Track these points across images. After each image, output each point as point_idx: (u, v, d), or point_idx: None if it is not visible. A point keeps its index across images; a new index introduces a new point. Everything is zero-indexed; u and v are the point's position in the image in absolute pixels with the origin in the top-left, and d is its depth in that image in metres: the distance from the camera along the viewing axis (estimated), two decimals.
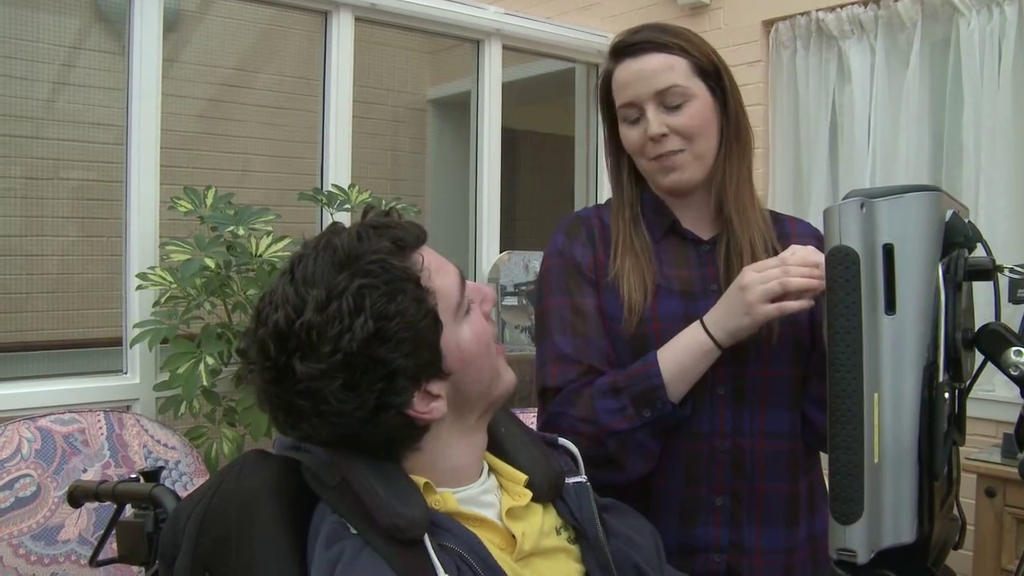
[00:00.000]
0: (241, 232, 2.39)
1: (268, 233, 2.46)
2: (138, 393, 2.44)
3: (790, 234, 1.32)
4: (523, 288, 3.30)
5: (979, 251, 0.89)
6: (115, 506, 1.24)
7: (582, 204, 3.80)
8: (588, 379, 1.21)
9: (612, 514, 1.06)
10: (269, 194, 3.51)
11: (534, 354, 1.30)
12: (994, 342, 0.87)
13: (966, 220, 0.88)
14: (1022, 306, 0.90)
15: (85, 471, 1.97)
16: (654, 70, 1.22)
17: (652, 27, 1.26)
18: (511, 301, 3.30)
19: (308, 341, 0.85)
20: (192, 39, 3.93)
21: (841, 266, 0.80)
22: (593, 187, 3.81)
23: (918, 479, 0.81)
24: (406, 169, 4.83)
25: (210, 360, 2.29)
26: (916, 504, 0.81)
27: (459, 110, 4.18)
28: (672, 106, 1.22)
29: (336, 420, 0.87)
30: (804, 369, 1.25)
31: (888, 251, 0.80)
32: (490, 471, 1.00)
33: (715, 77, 1.25)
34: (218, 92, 4.08)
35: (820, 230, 1.30)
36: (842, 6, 3.07)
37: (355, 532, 0.86)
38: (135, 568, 1.56)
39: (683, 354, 1.17)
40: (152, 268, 2.36)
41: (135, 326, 2.35)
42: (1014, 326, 0.88)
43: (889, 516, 0.80)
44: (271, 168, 4.00)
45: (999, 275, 0.89)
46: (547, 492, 1.00)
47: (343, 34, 2.91)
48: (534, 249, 3.31)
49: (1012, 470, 2.31)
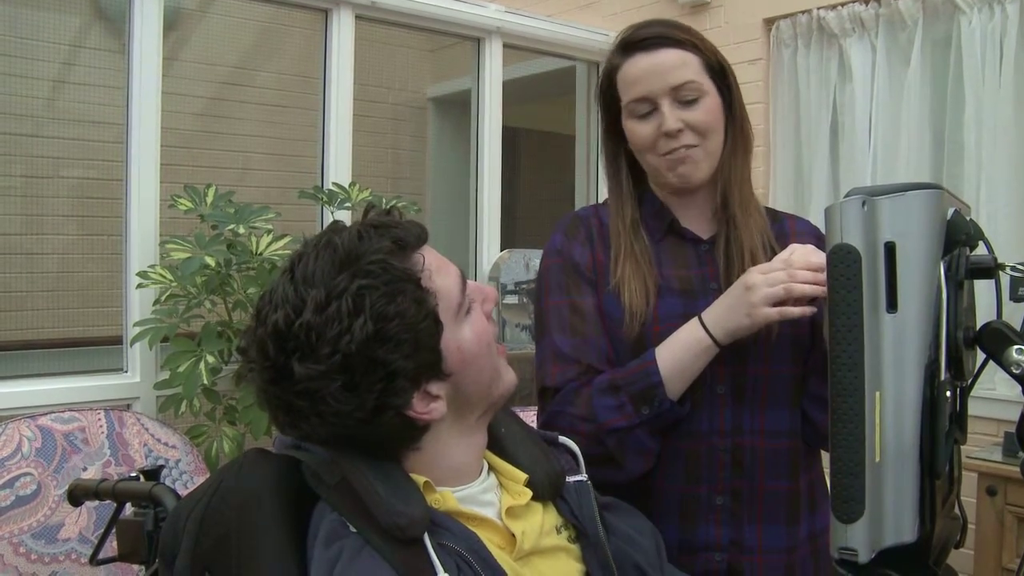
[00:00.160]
0: (241, 230, 2.39)
1: (268, 231, 2.46)
2: (138, 392, 2.44)
3: (789, 233, 1.32)
4: (523, 286, 3.30)
5: (980, 249, 0.89)
6: (115, 505, 1.25)
7: (583, 202, 3.80)
8: (587, 378, 1.21)
9: (613, 513, 1.06)
10: (269, 192, 3.50)
11: (534, 352, 1.30)
12: (996, 340, 0.87)
13: (968, 218, 0.88)
14: (1023, 304, 0.90)
15: (85, 469, 1.97)
16: (670, 65, 1.21)
17: (662, 23, 1.26)
18: (511, 299, 3.30)
19: (307, 342, 0.85)
20: (192, 37, 3.93)
21: (843, 264, 0.80)
22: (594, 185, 3.81)
23: (919, 478, 0.80)
24: (406, 167, 4.82)
25: (210, 359, 2.29)
26: (918, 503, 0.80)
27: (460, 108, 4.18)
28: (686, 101, 1.22)
29: (335, 420, 0.86)
30: (804, 367, 1.25)
31: (890, 249, 0.80)
32: (490, 470, 1.00)
33: (721, 76, 1.25)
34: (218, 90, 4.08)
35: (820, 228, 1.30)
36: (843, 4, 3.06)
37: (355, 531, 0.86)
38: (135, 567, 1.56)
39: (681, 351, 1.17)
40: (152, 266, 2.36)
41: (135, 324, 2.35)
42: (1015, 324, 0.88)
43: (891, 515, 0.79)
44: (271, 166, 3.99)
45: (1000, 273, 0.89)
46: (547, 491, 0.99)
47: (343, 32, 2.91)
48: (535, 247, 3.30)
49: (1013, 468, 2.31)
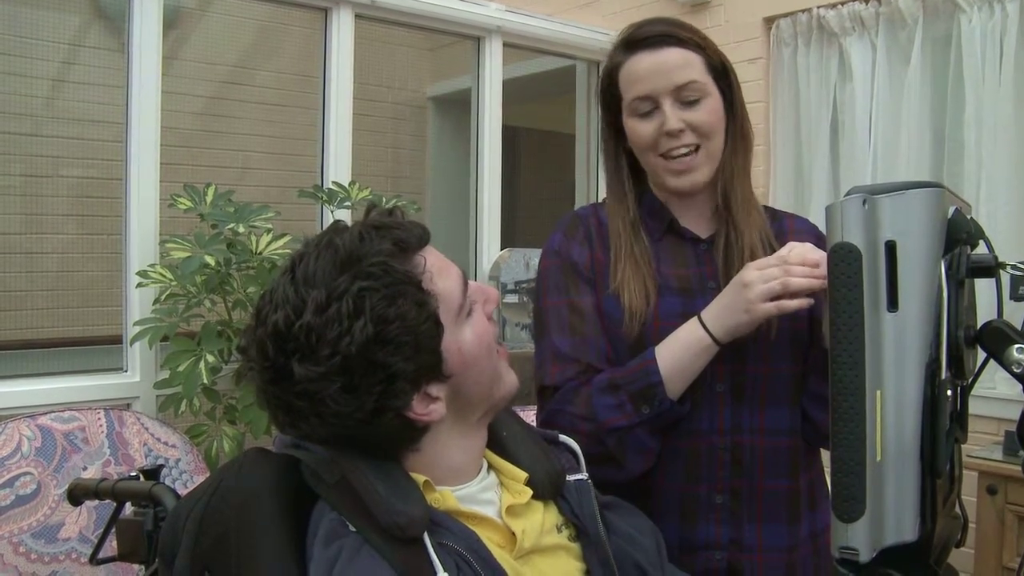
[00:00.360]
0: (241, 229, 2.39)
1: (268, 230, 2.46)
2: (138, 391, 2.44)
3: (788, 231, 1.31)
4: (523, 286, 3.30)
5: (981, 248, 0.89)
6: (115, 504, 1.25)
7: (583, 201, 3.80)
8: (586, 377, 1.20)
9: (613, 512, 1.06)
10: (269, 191, 3.49)
11: (534, 352, 1.30)
12: (997, 339, 0.86)
13: (968, 217, 0.88)
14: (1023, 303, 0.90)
15: (85, 469, 1.97)
16: (674, 64, 1.21)
17: (665, 21, 1.25)
18: (511, 299, 3.30)
19: (307, 343, 0.84)
20: (192, 36, 3.92)
21: (843, 263, 0.79)
22: (594, 184, 3.81)
23: (920, 477, 0.80)
24: (406, 166, 4.82)
25: (210, 358, 2.29)
26: (918, 502, 0.80)
27: (460, 107, 4.18)
28: (688, 101, 1.21)
29: (334, 421, 0.86)
30: (803, 365, 1.25)
31: (890, 248, 0.80)
32: (490, 469, 1.00)
33: (724, 76, 1.24)
34: (218, 89, 4.07)
35: (819, 227, 1.30)
36: (843, 3, 3.06)
37: (354, 530, 0.86)
38: (135, 566, 1.56)
39: (681, 350, 1.16)
40: (152, 266, 2.36)
41: (135, 324, 2.35)
42: (1016, 323, 0.88)
43: (891, 514, 0.79)
44: (271, 165, 3.99)
45: (1001, 272, 0.88)
46: (548, 490, 0.99)
47: (343, 31, 2.90)
48: (535, 247, 3.30)
49: (1014, 468, 2.31)
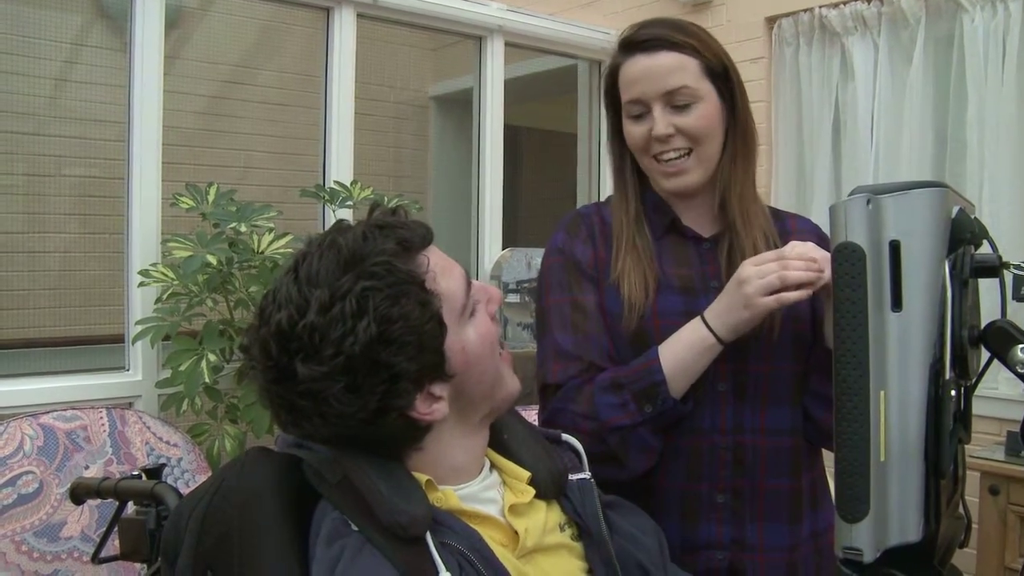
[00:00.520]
0: (243, 229, 2.39)
1: (270, 230, 2.46)
2: (140, 390, 2.45)
3: (791, 231, 1.31)
4: (525, 285, 3.30)
5: (985, 248, 0.89)
6: (117, 503, 1.25)
7: (585, 201, 3.80)
8: (589, 375, 1.20)
9: (616, 511, 1.05)
10: (271, 191, 3.49)
11: (536, 351, 1.30)
12: (1001, 340, 0.86)
13: (972, 217, 0.87)
14: None
15: (87, 468, 1.97)
16: (665, 69, 1.20)
17: (665, 23, 1.24)
18: (513, 298, 3.30)
19: (310, 343, 0.84)
20: (194, 36, 3.92)
21: (847, 263, 0.79)
22: (596, 184, 3.81)
23: (924, 477, 0.80)
24: (408, 166, 4.82)
25: (212, 357, 2.29)
26: (922, 502, 0.80)
27: (461, 107, 4.18)
28: (679, 106, 1.21)
29: (337, 421, 0.86)
30: (805, 365, 1.25)
31: (895, 248, 0.79)
32: (492, 467, 1.00)
33: (724, 78, 1.23)
34: (220, 89, 4.07)
35: (822, 227, 1.30)
36: (845, 2, 3.06)
37: (356, 529, 0.85)
38: (137, 565, 1.56)
39: (684, 350, 1.16)
40: (154, 265, 2.36)
41: (137, 323, 2.35)
42: (1020, 323, 0.88)
43: (895, 514, 0.79)
44: (273, 165, 3.99)
45: (1005, 272, 0.88)
46: (550, 489, 0.99)
47: (345, 30, 2.91)
48: (536, 246, 3.30)
49: (1016, 468, 2.31)
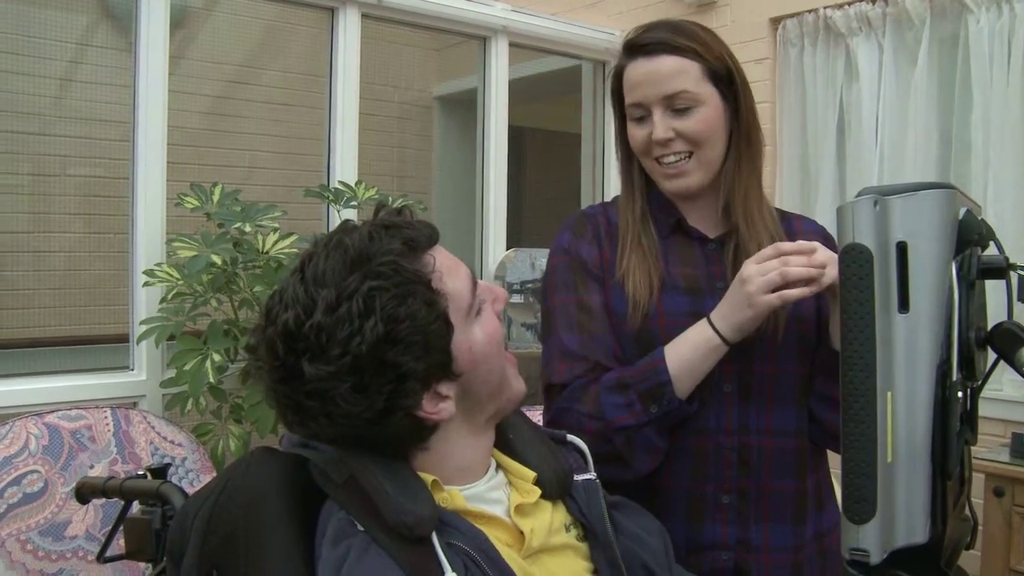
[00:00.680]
0: (248, 229, 2.39)
1: (275, 230, 2.46)
2: (145, 390, 2.45)
3: (796, 232, 1.31)
4: (529, 286, 3.30)
5: (991, 249, 0.88)
6: (122, 502, 1.25)
7: (589, 201, 3.80)
8: (594, 375, 1.20)
9: (621, 512, 1.05)
10: (276, 191, 3.49)
11: (540, 351, 1.30)
12: (1008, 341, 0.86)
13: (979, 218, 0.87)
14: None
15: (92, 467, 1.97)
16: (666, 73, 1.20)
17: (667, 26, 1.23)
18: (517, 299, 3.30)
19: (317, 343, 0.85)
20: (199, 36, 3.93)
21: (855, 264, 0.79)
22: (600, 184, 3.80)
23: (931, 479, 0.80)
24: (412, 166, 4.82)
25: (216, 357, 2.29)
26: (929, 504, 0.80)
27: (466, 107, 4.18)
28: (679, 109, 1.20)
29: (344, 421, 0.86)
30: (811, 366, 1.24)
31: (902, 249, 0.79)
32: (498, 468, 1.00)
33: (727, 81, 1.23)
34: (225, 89, 4.08)
35: (827, 228, 1.30)
36: (850, 3, 3.05)
37: (362, 529, 0.86)
38: (142, 565, 1.56)
39: (690, 350, 1.16)
40: (159, 265, 2.36)
41: (142, 323, 2.35)
42: None
43: (902, 516, 0.79)
44: (278, 165, 3.99)
45: (1012, 273, 0.88)
46: (556, 489, 0.99)
47: (350, 31, 2.91)
48: (540, 246, 3.30)
49: (1021, 469, 2.30)
